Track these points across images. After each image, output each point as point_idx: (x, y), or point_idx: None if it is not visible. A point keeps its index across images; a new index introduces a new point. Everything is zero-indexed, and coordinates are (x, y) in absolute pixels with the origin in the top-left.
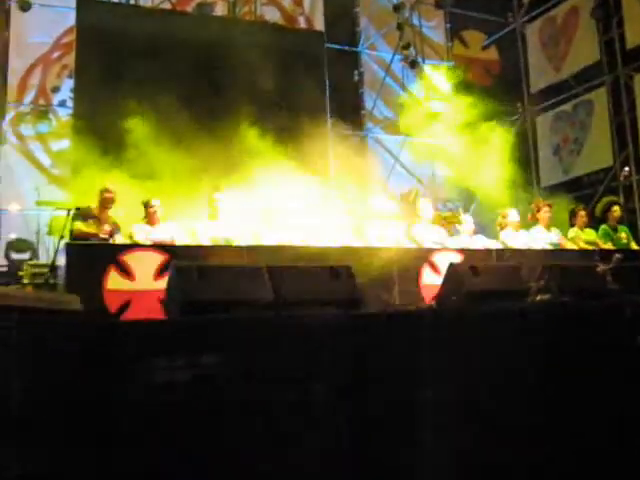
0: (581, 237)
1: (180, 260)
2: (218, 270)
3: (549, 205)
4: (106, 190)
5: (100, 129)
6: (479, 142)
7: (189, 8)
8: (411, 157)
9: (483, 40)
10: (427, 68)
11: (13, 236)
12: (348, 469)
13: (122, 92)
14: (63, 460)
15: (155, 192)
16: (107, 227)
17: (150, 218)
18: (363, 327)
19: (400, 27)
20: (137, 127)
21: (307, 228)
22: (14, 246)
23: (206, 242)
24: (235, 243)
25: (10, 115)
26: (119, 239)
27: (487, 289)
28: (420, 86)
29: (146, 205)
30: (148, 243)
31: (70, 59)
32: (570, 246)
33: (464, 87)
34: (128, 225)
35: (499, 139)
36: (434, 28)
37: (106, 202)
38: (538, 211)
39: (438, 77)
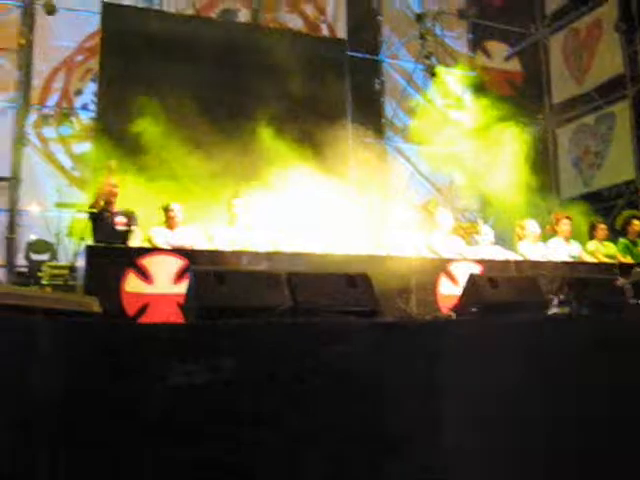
0: (601, 250)
1: (199, 265)
2: (236, 275)
3: (568, 217)
4: (108, 183)
5: (121, 132)
6: (499, 152)
7: (213, 14)
8: (430, 166)
9: (506, 51)
10: (448, 78)
11: (33, 237)
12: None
13: (144, 96)
14: (82, 462)
15: (175, 196)
16: (122, 219)
17: (170, 222)
18: (380, 335)
19: (422, 37)
20: (158, 131)
21: (326, 235)
22: (34, 247)
23: (224, 248)
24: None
25: (33, 117)
26: (137, 239)
27: (505, 301)
28: (441, 96)
29: (166, 209)
30: (167, 247)
31: (94, 63)
32: (589, 259)
33: (485, 97)
34: (147, 228)
35: (519, 150)
36: (456, 38)
37: (109, 194)
38: (557, 223)
39: (459, 87)
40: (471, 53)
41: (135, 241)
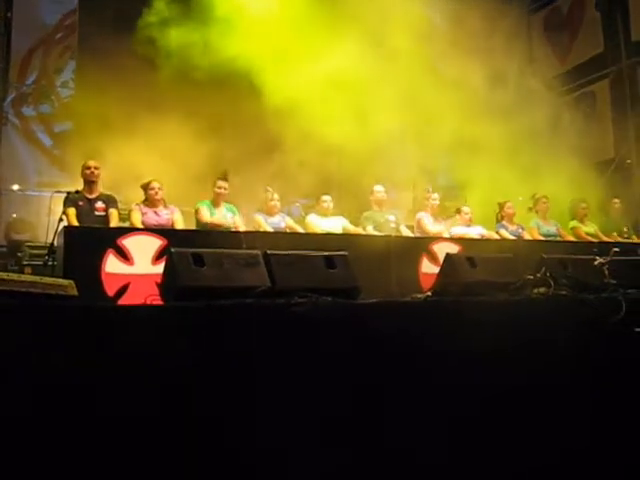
0: (582, 228)
1: (178, 245)
2: (213, 256)
3: (546, 197)
4: (86, 167)
5: (101, 111)
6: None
7: None
8: None
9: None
10: None
11: (14, 216)
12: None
13: (124, 74)
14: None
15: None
16: (100, 204)
17: (151, 200)
18: (360, 317)
19: None
20: (138, 109)
21: None
22: (14, 227)
23: None
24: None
25: (12, 96)
26: (116, 222)
27: (484, 280)
28: None
29: (146, 187)
30: (148, 225)
31: (73, 40)
32: (571, 238)
33: None
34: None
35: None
36: None
37: (87, 177)
38: (536, 202)
39: None
40: None
41: (114, 223)
